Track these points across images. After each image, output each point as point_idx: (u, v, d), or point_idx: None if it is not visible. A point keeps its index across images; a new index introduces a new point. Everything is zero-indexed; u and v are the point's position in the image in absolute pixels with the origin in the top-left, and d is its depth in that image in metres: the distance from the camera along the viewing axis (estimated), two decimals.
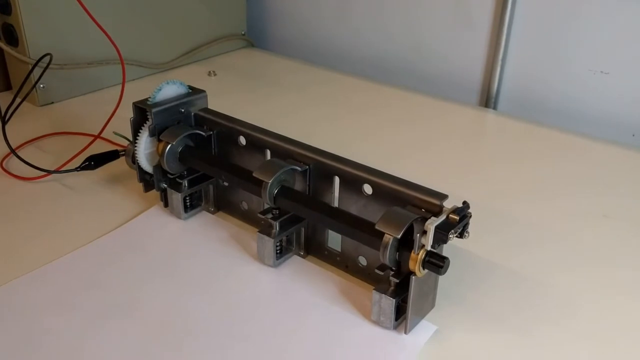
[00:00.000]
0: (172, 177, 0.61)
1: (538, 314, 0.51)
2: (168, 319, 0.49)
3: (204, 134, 0.60)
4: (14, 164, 0.70)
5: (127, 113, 0.59)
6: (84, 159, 0.67)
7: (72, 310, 0.50)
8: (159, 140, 0.58)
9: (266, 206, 0.54)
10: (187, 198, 0.61)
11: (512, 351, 0.47)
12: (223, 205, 0.63)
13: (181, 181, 0.60)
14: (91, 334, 0.47)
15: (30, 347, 0.46)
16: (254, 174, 0.52)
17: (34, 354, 0.45)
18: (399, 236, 0.44)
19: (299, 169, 0.53)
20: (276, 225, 0.53)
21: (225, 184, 0.62)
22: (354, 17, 1.10)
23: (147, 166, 0.60)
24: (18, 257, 0.56)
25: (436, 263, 0.44)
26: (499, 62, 0.94)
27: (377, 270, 0.47)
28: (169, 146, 0.58)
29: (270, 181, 0.51)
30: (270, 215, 0.54)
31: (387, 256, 0.45)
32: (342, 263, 0.55)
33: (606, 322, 0.50)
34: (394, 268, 0.47)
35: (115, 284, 0.53)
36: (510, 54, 0.94)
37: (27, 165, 0.68)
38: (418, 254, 0.44)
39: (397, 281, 0.46)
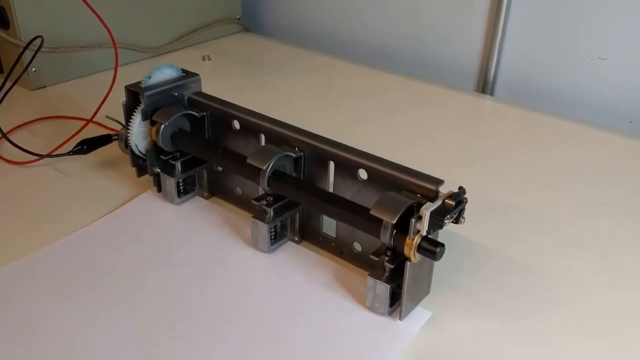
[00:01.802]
0: (165, 158, 0.60)
1: (533, 301, 0.50)
2: (162, 305, 0.49)
3: (197, 114, 0.59)
4: (5, 149, 0.69)
5: (120, 97, 0.59)
6: (76, 143, 0.67)
7: (64, 296, 0.49)
8: (152, 123, 0.58)
9: (261, 192, 0.54)
10: (181, 183, 0.61)
11: (507, 338, 0.47)
12: (217, 190, 0.63)
13: (175, 162, 0.60)
14: (84, 320, 0.47)
15: (23, 333, 0.45)
16: (247, 160, 0.52)
17: (27, 340, 0.45)
18: (394, 222, 0.44)
19: (293, 155, 0.53)
20: (270, 210, 0.53)
21: (219, 169, 0.61)
22: (352, 2, 1.09)
23: (140, 150, 0.60)
24: (9, 242, 0.56)
25: (431, 249, 0.44)
26: (497, 48, 0.93)
27: (372, 256, 0.47)
28: (163, 126, 0.57)
29: (266, 168, 0.51)
30: (264, 202, 0.53)
31: (387, 236, 0.44)
32: (337, 249, 0.54)
33: (602, 309, 0.50)
34: (389, 253, 0.46)
35: (108, 270, 0.52)
36: (507, 40, 0.93)
37: (18, 150, 0.67)
38: (413, 239, 0.44)
39: (392, 267, 0.46)
